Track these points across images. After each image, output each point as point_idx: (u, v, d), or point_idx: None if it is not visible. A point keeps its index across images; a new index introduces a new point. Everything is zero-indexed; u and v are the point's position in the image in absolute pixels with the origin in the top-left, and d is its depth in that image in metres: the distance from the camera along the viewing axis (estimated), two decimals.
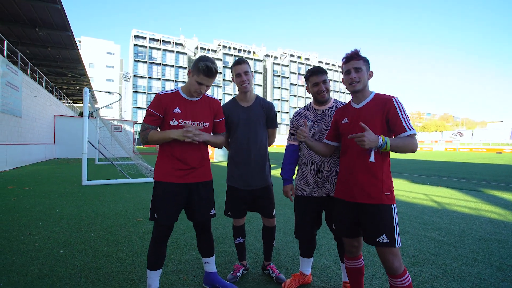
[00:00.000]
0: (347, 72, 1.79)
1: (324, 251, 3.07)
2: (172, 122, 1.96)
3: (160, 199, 1.94)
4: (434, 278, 2.48)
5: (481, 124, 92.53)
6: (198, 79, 1.92)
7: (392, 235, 1.62)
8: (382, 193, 1.66)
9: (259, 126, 2.37)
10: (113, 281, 2.31)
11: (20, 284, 2.22)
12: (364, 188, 1.69)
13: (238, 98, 2.44)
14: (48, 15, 12.50)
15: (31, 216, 4.20)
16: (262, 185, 2.37)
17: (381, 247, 1.63)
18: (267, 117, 2.43)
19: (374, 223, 1.65)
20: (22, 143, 12.36)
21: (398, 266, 1.63)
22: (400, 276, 1.63)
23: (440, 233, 3.76)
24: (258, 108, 2.39)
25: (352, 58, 1.77)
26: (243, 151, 2.34)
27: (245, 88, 2.32)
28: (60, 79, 23.64)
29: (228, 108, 2.41)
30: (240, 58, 2.33)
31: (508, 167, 14.89)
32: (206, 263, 2.24)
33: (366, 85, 1.80)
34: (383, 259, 1.66)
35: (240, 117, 2.36)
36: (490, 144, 54.64)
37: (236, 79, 2.32)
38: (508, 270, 2.65)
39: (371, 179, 1.68)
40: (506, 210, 5.05)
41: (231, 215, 2.41)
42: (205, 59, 1.91)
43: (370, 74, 1.81)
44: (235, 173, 2.38)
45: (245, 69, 2.28)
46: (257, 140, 2.35)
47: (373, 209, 1.66)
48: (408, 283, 1.63)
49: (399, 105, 1.68)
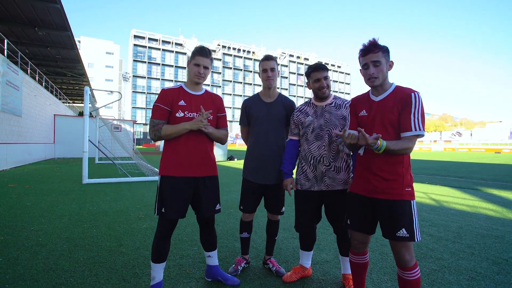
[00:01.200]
0: (365, 65, 1.68)
1: (324, 246, 3.12)
2: (178, 114, 2.01)
3: (168, 193, 1.97)
4: (431, 272, 2.53)
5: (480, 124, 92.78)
6: (195, 61, 2.02)
7: (412, 230, 1.60)
8: (403, 189, 1.63)
9: (278, 123, 2.40)
10: (117, 274, 2.35)
11: (26, 277, 2.26)
12: (384, 183, 1.65)
13: (261, 93, 2.49)
14: (48, 15, 12.52)
15: (33, 213, 4.24)
16: (277, 181, 2.40)
17: (400, 241, 1.60)
18: (287, 115, 2.45)
19: (394, 218, 1.61)
20: (22, 142, 12.37)
21: (410, 259, 1.63)
22: (410, 268, 1.63)
23: (438, 229, 3.82)
24: (279, 105, 2.43)
25: (370, 50, 1.65)
26: (261, 146, 2.37)
27: (269, 84, 2.37)
28: (59, 79, 23.65)
29: (250, 102, 2.47)
30: (269, 55, 2.36)
31: (506, 167, 14.98)
32: (209, 257, 2.29)
33: (386, 78, 1.70)
34: (396, 252, 1.65)
35: (261, 111, 2.40)
36: (489, 144, 54.82)
37: (262, 74, 2.37)
38: (504, 264, 2.70)
39: (391, 173, 1.65)
40: (503, 208, 5.11)
41: (243, 210, 2.45)
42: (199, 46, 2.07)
43: (390, 65, 1.70)
44: (251, 167, 2.42)
45: (272, 66, 2.34)
46: (275, 135, 2.39)
47: (394, 204, 1.62)
48: (417, 276, 1.63)
49: (417, 101, 1.59)
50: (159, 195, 2.00)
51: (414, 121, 1.59)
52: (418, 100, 1.60)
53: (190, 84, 2.11)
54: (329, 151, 2.12)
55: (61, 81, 24.77)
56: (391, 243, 1.68)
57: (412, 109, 1.60)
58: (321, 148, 2.13)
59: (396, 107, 1.64)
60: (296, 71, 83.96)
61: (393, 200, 1.63)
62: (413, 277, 1.63)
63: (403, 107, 1.62)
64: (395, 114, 1.64)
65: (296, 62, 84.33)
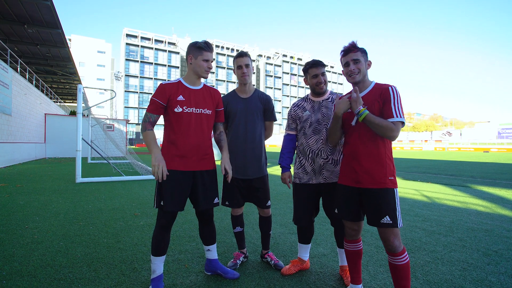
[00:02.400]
0: (346, 64, 1.86)
1: (321, 241, 3.17)
2: (176, 109, 2.02)
3: (167, 186, 1.98)
4: (425, 263, 2.60)
5: (469, 124, 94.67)
6: (203, 57, 2.04)
7: (395, 217, 1.71)
8: (386, 178, 1.75)
9: (256, 117, 2.44)
10: (116, 269, 2.35)
11: (23, 273, 2.24)
12: (369, 173, 1.76)
13: (237, 90, 2.52)
14: (38, 12, 12.29)
15: (27, 211, 4.18)
16: (259, 175, 2.44)
17: (384, 227, 1.72)
18: (264, 109, 2.51)
19: (378, 206, 1.73)
20: (12, 142, 12.14)
21: (398, 245, 1.73)
22: (399, 254, 1.73)
23: (431, 224, 3.91)
24: (256, 100, 2.47)
25: (350, 50, 1.83)
26: (240, 141, 2.41)
27: (245, 80, 2.40)
28: (50, 77, 23.25)
29: (227, 98, 2.49)
30: (242, 51, 2.41)
31: (494, 165, 15.36)
32: (208, 251, 2.31)
33: (365, 75, 1.87)
34: (384, 239, 1.75)
35: (238, 107, 2.43)
36: (478, 143, 55.98)
37: (237, 71, 2.40)
38: (494, 255, 2.79)
39: (375, 164, 1.76)
40: (493, 204, 5.26)
41: (228, 205, 2.47)
42: (197, 41, 2.08)
43: (369, 64, 1.88)
44: (231, 162, 2.44)
45: (246, 62, 2.37)
46: (253, 130, 2.42)
47: (377, 192, 1.74)
48: (406, 261, 1.73)
49: (395, 93, 1.75)
50: (158, 188, 2.01)
51: (395, 110, 1.73)
52: (396, 92, 1.77)
53: (190, 78, 2.12)
54: (327, 144, 2.16)
55: (51, 80, 24.35)
56: (379, 231, 1.78)
57: (392, 100, 1.75)
58: (319, 142, 2.18)
59: (377, 101, 1.79)
60: (289, 71, 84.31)
61: (377, 189, 1.74)
62: (403, 262, 1.72)
63: (383, 101, 1.77)
64: (376, 108, 1.78)
65: (289, 62, 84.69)
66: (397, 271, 1.73)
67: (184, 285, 2.12)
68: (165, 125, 2.10)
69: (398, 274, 1.73)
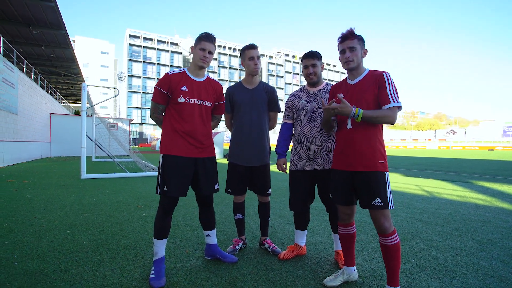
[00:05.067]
0: (342, 51, 1.89)
1: (318, 230, 3.25)
2: (179, 99, 2.11)
3: (170, 172, 2.07)
4: (419, 250, 2.67)
5: (473, 123, 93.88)
6: (200, 46, 2.12)
7: (386, 199, 1.78)
8: (377, 161, 1.81)
9: (261, 108, 2.53)
10: (120, 254, 2.46)
11: (33, 256, 2.36)
12: (361, 157, 1.82)
13: (243, 81, 2.61)
14: (42, 13, 12.49)
15: (34, 204, 4.31)
16: (261, 163, 2.53)
17: (376, 209, 1.79)
18: (269, 101, 2.59)
19: (370, 188, 1.78)
20: (18, 140, 12.36)
21: (388, 226, 1.79)
22: (389, 235, 1.79)
23: (428, 215, 3.97)
24: (261, 91, 2.56)
25: (347, 38, 1.87)
26: (245, 130, 2.50)
27: (256, 71, 2.49)
28: (54, 78, 23.55)
29: (232, 89, 2.59)
30: (252, 43, 2.48)
31: (498, 162, 15.29)
32: (208, 236, 2.40)
33: (360, 62, 1.90)
34: (375, 220, 1.82)
35: (243, 97, 2.52)
36: (483, 142, 55.53)
37: (249, 61, 2.47)
38: (488, 243, 2.85)
39: (367, 148, 1.81)
40: (492, 197, 5.29)
41: (231, 192, 2.57)
42: None
43: (365, 52, 1.91)
44: (236, 150, 2.54)
45: (258, 54, 2.47)
46: (258, 120, 2.51)
47: (369, 175, 1.80)
48: (397, 241, 1.79)
49: (389, 79, 1.80)
50: (161, 173, 2.10)
51: (391, 95, 1.78)
52: (390, 78, 1.81)
53: (193, 69, 2.20)
54: (321, 132, 2.25)
55: (56, 81, 24.66)
56: (371, 213, 1.84)
57: (387, 86, 1.79)
58: (314, 130, 2.26)
59: (371, 87, 1.84)
60: (291, 70, 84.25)
61: (369, 172, 1.81)
62: (393, 242, 1.79)
63: (378, 87, 1.82)
64: (371, 94, 1.84)
65: (291, 61, 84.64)
66: (388, 251, 1.80)
67: (184, 268, 2.22)
68: (167, 114, 2.19)
69: (388, 254, 1.80)
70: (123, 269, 2.17)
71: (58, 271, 2.11)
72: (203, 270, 2.18)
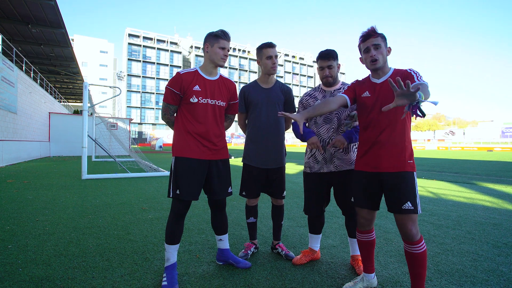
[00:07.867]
0: (366, 49, 1.77)
1: (329, 233, 3.18)
2: (192, 100, 2.03)
3: (183, 175, 1.99)
4: (435, 254, 2.60)
5: (472, 124, 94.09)
6: (220, 44, 2.04)
7: (415, 202, 1.67)
8: (405, 161, 1.71)
9: (277, 108, 2.44)
10: (128, 259, 2.37)
11: (38, 261, 2.27)
12: (389, 157, 1.72)
13: (259, 80, 2.52)
14: (41, 12, 12.36)
15: (36, 205, 4.22)
16: (278, 165, 2.45)
17: (405, 214, 1.66)
18: (285, 101, 2.51)
19: (400, 190, 1.68)
20: (17, 140, 12.23)
21: (416, 233, 1.69)
22: (417, 242, 1.69)
23: (438, 218, 3.91)
24: (277, 91, 2.47)
25: (370, 35, 1.76)
26: (261, 131, 2.41)
27: (274, 71, 2.40)
28: (53, 77, 23.39)
29: (248, 88, 2.50)
30: (270, 42, 2.38)
31: (498, 163, 15.28)
32: (220, 240, 2.32)
33: (386, 61, 1.80)
34: (401, 226, 1.70)
35: (260, 97, 2.44)
36: (481, 142, 55.62)
37: (267, 60, 2.37)
38: (504, 247, 2.79)
39: (395, 148, 1.72)
40: (499, 199, 5.24)
41: (246, 195, 2.49)
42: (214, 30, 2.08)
43: (389, 50, 1.81)
44: (252, 152, 2.45)
45: (276, 53, 2.39)
46: (275, 121, 2.43)
47: (398, 176, 1.70)
48: (424, 249, 1.69)
49: (415, 72, 1.71)
50: (173, 176, 2.02)
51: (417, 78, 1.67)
52: (416, 71, 1.72)
53: (207, 68, 2.12)
54: (338, 133, 2.17)
55: (55, 80, 24.50)
56: (396, 218, 1.72)
57: (414, 76, 1.68)
58: (330, 131, 2.19)
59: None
60: (291, 71, 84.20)
61: (397, 172, 1.71)
62: (420, 250, 1.68)
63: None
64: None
65: (291, 61, 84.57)
66: (414, 260, 1.70)
67: (197, 274, 2.14)
68: (179, 115, 2.11)
69: (415, 263, 1.71)
70: (133, 276, 2.09)
71: (65, 277, 2.03)
72: (216, 276, 2.11)
